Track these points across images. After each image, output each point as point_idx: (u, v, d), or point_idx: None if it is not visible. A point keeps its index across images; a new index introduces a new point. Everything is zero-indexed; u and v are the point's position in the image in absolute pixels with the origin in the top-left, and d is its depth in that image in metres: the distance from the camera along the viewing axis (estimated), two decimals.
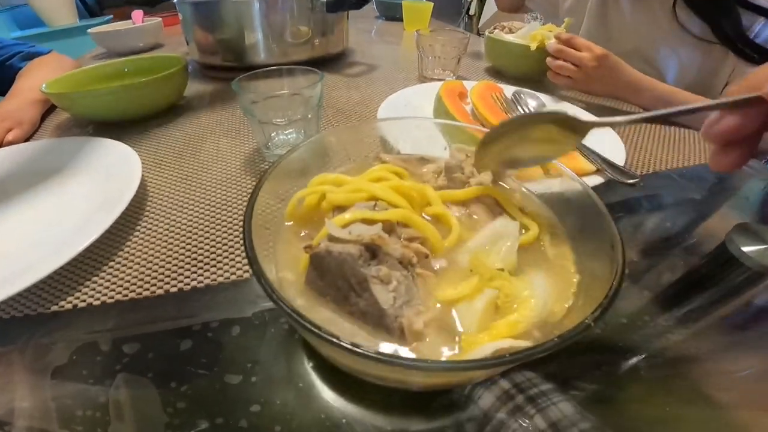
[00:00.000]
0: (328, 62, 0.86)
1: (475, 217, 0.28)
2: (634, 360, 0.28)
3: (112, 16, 2.86)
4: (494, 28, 0.83)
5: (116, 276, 0.34)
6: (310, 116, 0.45)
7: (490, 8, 2.25)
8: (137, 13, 1.24)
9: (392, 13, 1.39)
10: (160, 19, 1.18)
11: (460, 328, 0.21)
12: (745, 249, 0.38)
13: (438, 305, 0.22)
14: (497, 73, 0.82)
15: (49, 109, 0.71)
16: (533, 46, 0.71)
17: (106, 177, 0.44)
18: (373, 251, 0.21)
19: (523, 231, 0.27)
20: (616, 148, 0.50)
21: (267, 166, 0.47)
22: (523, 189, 0.31)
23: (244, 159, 0.51)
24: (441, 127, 0.35)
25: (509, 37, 0.77)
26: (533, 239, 0.27)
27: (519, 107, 0.60)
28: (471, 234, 0.26)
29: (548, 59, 0.68)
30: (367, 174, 0.28)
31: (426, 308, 0.22)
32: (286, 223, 0.27)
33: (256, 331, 0.29)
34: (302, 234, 0.27)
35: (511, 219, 0.27)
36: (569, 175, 0.28)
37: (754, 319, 0.33)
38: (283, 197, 0.27)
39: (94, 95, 0.56)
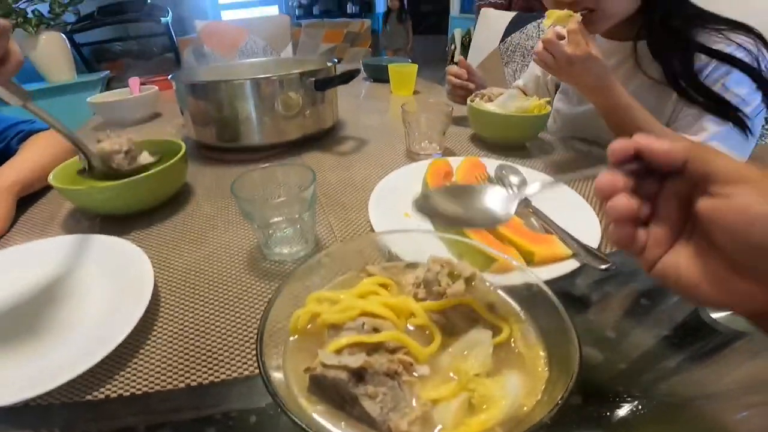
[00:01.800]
0: (320, 138, 0.93)
1: (453, 323, 0.33)
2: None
3: (108, 71, 2.98)
4: (475, 96, 0.90)
5: (140, 371, 0.40)
6: (306, 215, 0.50)
7: (475, 55, 2.28)
8: (134, 81, 1.32)
9: (379, 76, 1.49)
10: (156, 87, 1.26)
11: (439, 425, 0.27)
12: (715, 315, 0.44)
13: (421, 406, 0.27)
14: (482, 141, 0.90)
15: (40, 194, 0.75)
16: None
17: (120, 280, 0.49)
18: (360, 375, 0.27)
19: (500, 330, 0.33)
20: (592, 226, 0.55)
21: (267, 265, 0.53)
22: (499, 292, 0.36)
23: (246, 253, 0.56)
24: (426, 236, 0.40)
25: (489, 107, 0.84)
26: (505, 340, 0.32)
27: (502, 186, 0.65)
28: (451, 340, 0.32)
29: (537, 48, 0.73)
30: (357, 289, 0.34)
31: (411, 410, 0.27)
32: (291, 338, 0.32)
33: (271, 420, 0.35)
34: (306, 346, 0.32)
35: (485, 327, 0.33)
36: (532, 276, 0.34)
37: (728, 375, 0.39)
38: (289, 312, 0.33)
39: (98, 192, 0.61)
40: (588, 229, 0.54)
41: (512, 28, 1.57)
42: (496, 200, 0.36)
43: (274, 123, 0.83)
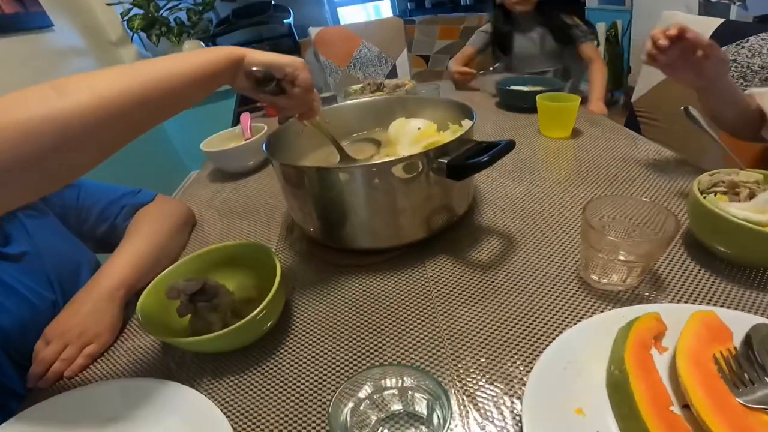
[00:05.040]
0: (448, 233, 0.68)
1: None
2: None
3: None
4: (712, 185, 0.56)
5: None
6: None
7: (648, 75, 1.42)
8: (245, 119, 1.23)
9: (516, 103, 1.18)
10: (266, 127, 1.13)
11: None
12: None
13: None
14: (710, 253, 0.56)
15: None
16: None
17: None
18: None
19: None
20: None
21: None
22: None
23: None
24: None
25: (737, 211, 0.50)
26: None
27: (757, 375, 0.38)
28: None
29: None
30: None
31: None
32: None
33: None
34: None
35: None
36: None
37: None
38: None
39: (192, 344, 0.51)
40: None
41: (725, 39, 1.11)
42: None
43: (386, 222, 0.62)
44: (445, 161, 0.54)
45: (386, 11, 7.79)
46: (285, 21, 3.82)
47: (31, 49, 1.93)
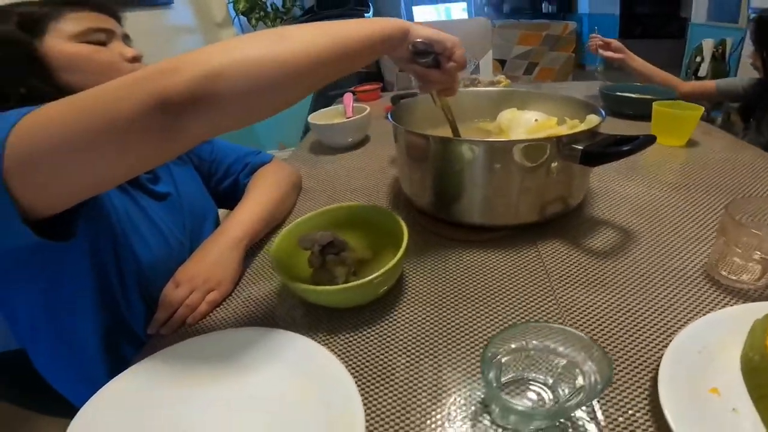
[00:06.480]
0: (562, 220, 0.69)
1: None
2: None
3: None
4: None
5: None
6: None
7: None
8: (348, 98, 1.29)
9: (621, 110, 1.16)
10: (368, 109, 1.18)
11: None
12: None
13: None
14: None
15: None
16: None
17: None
18: None
19: None
20: None
21: None
22: None
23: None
24: None
25: None
26: None
27: None
28: None
29: None
30: None
31: None
32: None
33: None
34: None
35: None
36: None
37: None
38: None
39: (318, 293, 0.54)
40: None
41: None
42: None
43: (505, 200, 0.64)
44: (580, 147, 0.55)
45: (457, 14, 7.72)
46: (365, 15, 3.95)
47: (153, 23, 2.13)
